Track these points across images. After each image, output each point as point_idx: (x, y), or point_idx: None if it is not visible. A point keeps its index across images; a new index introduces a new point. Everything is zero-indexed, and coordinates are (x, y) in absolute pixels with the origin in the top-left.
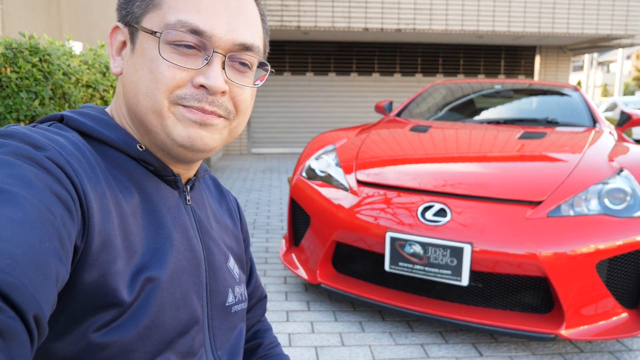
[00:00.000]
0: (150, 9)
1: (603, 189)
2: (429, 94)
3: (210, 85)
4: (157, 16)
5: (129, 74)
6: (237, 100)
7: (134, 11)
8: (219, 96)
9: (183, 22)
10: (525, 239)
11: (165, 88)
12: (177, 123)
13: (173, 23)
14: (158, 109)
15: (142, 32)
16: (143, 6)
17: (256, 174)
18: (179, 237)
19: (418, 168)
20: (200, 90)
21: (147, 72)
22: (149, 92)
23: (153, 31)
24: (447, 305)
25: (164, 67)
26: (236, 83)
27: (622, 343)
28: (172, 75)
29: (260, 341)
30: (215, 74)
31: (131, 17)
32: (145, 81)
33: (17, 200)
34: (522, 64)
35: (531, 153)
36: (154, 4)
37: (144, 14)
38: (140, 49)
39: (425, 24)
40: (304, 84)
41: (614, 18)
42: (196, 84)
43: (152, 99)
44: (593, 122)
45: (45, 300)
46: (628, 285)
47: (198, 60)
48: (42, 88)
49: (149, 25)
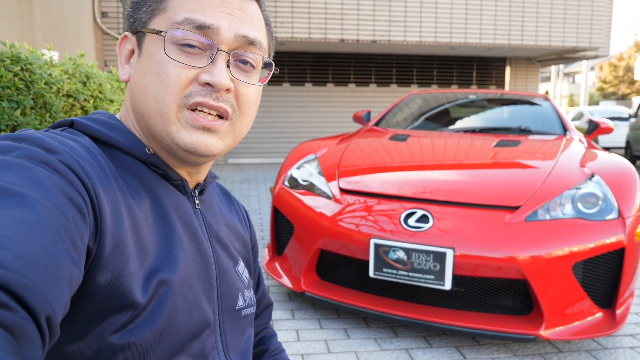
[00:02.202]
0: (156, 14)
1: (576, 193)
2: (405, 104)
3: (214, 82)
4: (163, 19)
5: (136, 79)
6: (241, 99)
7: (141, 17)
8: (224, 93)
9: (190, 19)
10: (504, 243)
11: (174, 91)
12: (181, 129)
13: (180, 21)
14: (165, 112)
15: (148, 34)
16: (149, 11)
17: (234, 184)
18: (189, 241)
19: (399, 176)
20: (205, 87)
21: (154, 75)
22: (157, 95)
23: (158, 30)
24: (431, 309)
25: (171, 68)
26: (241, 81)
27: (597, 342)
28: (178, 75)
29: (266, 347)
30: (219, 71)
31: (138, 24)
32: (153, 84)
33: (30, 203)
34: (493, 75)
35: (507, 160)
36: (160, 8)
37: (150, 19)
38: (147, 52)
39: (399, 36)
40: (280, 95)
41: (579, 31)
42: (201, 81)
43: (160, 102)
44: (564, 130)
45: (58, 302)
46: (602, 285)
47: (203, 59)
48: (24, 98)
49: (154, 27)
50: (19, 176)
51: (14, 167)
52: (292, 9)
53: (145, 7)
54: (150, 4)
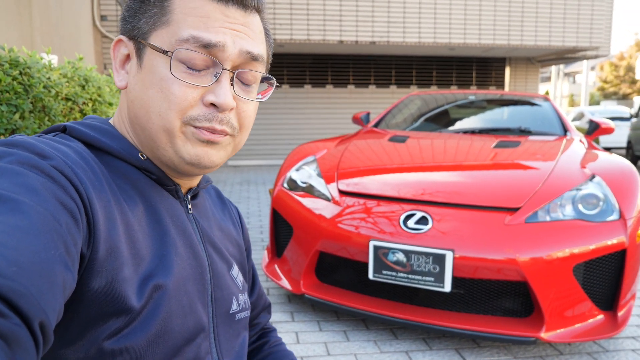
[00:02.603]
0: (159, 26)
1: (577, 194)
2: (404, 105)
3: (220, 103)
4: (166, 33)
5: (137, 90)
6: (242, 116)
7: (141, 27)
8: (227, 112)
9: (195, 37)
10: (504, 245)
11: (178, 108)
12: (186, 142)
13: (186, 38)
14: (170, 128)
15: (151, 49)
16: (150, 23)
17: (233, 186)
18: (183, 245)
19: (398, 177)
20: (210, 109)
21: (157, 91)
22: (161, 111)
23: (165, 50)
24: (430, 312)
25: (176, 86)
26: (243, 98)
27: (599, 344)
28: (184, 94)
29: (267, 339)
30: (224, 92)
31: (138, 33)
32: (157, 100)
33: (23, 209)
34: (492, 75)
35: (507, 161)
36: (162, 20)
37: (151, 31)
38: (149, 66)
39: (398, 37)
40: (279, 96)
41: (579, 30)
42: (207, 102)
43: (164, 118)
44: (564, 130)
45: (51, 308)
46: (603, 287)
47: (207, 77)
48: (23, 101)
49: (158, 43)
50: (11, 182)
51: (6, 172)
52: (290, 10)
53: (146, 18)
54: (152, 15)
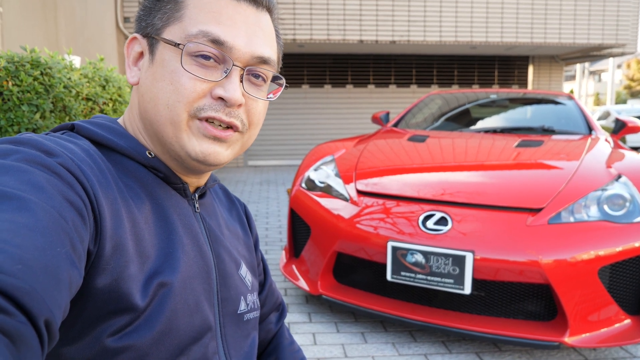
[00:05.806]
0: (172, 22)
1: (602, 195)
2: (425, 104)
3: (228, 97)
4: (178, 29)
5: (147, 84)
6: (251, 113)
7: (155, 23)
8: (236, 108)
9: (205, 32)
10: (526, 246)
11: (187, 100)
12: (192, 137)
13: (195, 33)
14: (177, 120)
15: (163, 43)
16: (165, 19)
17: (253, 186)
18: (190, 244)
19: (417, 177)
20: (218, 102)
21: (167, 84)
22: (169, 103)
23: (176, 43)
24: (450, 314)
25: (185, 78)
26: (252, 96)
27: (626, 350)
28: (193, 87)
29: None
30: (234, 87)
31: (152, 29)
32: (166, 92)
33: (29, 206)
34: (515, 74)
35: (529, 161)
36: (175, 17)
37: (165, 27)
38: (160, 60)
39: (419, 36)
40: (299, 96)
41: (604, 28)
42: (215, 95)
43: (172, 110)
44: (589, 129)
45: (57, 305)
46: (630, 291)
47: (217, 72)
48: (44, 101)
49: (170, 37)
50: (18, 179)
51: (13, 170)
52: (310, 10)
53: (160, 14)
54: (166, 11)
